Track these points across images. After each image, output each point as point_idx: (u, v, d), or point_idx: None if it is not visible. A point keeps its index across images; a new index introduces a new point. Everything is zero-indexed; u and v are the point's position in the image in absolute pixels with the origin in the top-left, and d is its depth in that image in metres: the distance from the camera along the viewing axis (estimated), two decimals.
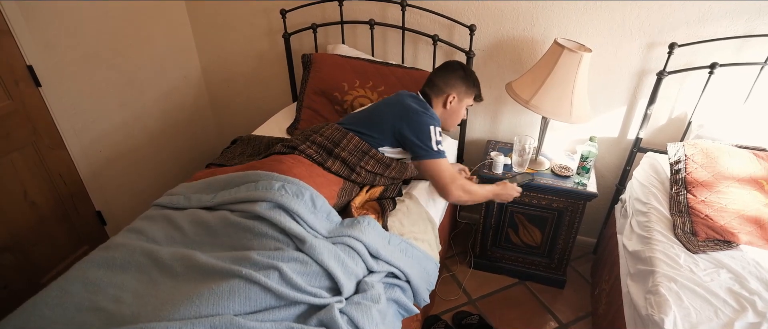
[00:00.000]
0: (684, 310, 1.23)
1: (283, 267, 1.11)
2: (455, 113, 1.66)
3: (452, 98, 1.61)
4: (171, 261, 1.25)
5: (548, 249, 2.10)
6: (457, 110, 1.65)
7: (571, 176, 1.93)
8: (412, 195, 1.66)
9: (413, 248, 1.40)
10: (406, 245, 1.39)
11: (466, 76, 1.64)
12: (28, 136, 1.79)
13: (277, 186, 1.29)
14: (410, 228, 1.49)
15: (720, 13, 1.70)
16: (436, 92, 1.62)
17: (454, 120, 1.68)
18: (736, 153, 1.62)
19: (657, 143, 2.00)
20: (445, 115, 1.65)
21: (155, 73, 2.36)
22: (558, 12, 1.88)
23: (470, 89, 1.65)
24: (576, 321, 2.02)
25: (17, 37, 1.69)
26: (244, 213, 1.29)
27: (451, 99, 1.61)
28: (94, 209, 2.13)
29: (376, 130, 1.53)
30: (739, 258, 1.41)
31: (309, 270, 1.16)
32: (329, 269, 1.17)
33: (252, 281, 1.08)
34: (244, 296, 1.06)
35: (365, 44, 2.23)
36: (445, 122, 1.67)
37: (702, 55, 1.78)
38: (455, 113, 1.66)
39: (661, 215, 1.60)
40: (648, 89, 1.89)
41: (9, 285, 1.81)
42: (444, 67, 1.66)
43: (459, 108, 1.65)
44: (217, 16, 2.43)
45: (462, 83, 1.62)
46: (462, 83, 1.62)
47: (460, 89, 1.62)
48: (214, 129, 2.90)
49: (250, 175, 1.38)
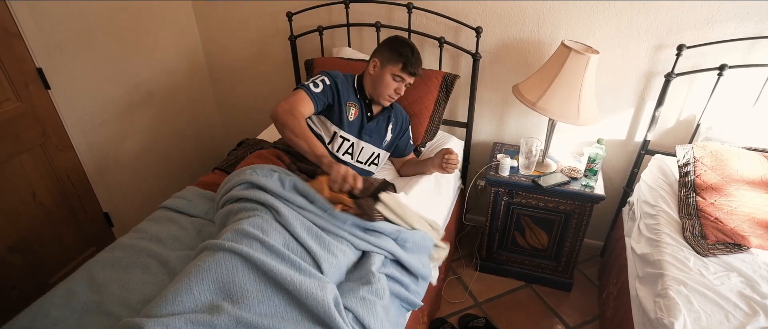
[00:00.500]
0: (694, 314, 1.21)
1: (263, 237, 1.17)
2: (379, 79, 1.65)
3: (374, 63, 1.65)
4: (177, 263, 1.25)
5: (555, 251, 2.08)
6: (380, 76, 1.65)
7: (579, 178, 1.92)
8: (397, 200, 1.51)
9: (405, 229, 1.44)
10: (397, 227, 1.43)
11: (393, 44, 1.64)
12: (37, 137, 1.81)
13: (249, 171, 1.41)
14: (398, 221, 1.46)
15: (729, 14, 1.69)
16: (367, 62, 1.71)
17: (379, 89, 1.67)
18: (746, 155, 1.60)
19: (665, 146, 1.98)
20: (370, 81, 1.69)
21: (162, 75, 2.37)
22: (565, 14, 1.87)
23: (393, 55, 1.62)
24: (583, 324, 2.00)
25: (27, 40, 1.70)
26: (231, 200, 1.37)
27: (373, 64, 1.66)
28: (102, 211, 2.15)
29: None
30: (750, 262, 1.39)
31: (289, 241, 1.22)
32: (300, 239, 1.22)
33: (234, 252, 1.11)
34: (229, 267, 1.10)
35: (371, 47, 2.22)
36: (372, 90, 1.69)
37: (711, 57, 1.76)
38: (379, 79, 1.65)
39: (670, 218, 1.58)
40: (656, 90, 1.87)
41: (17, 286, 1.82)
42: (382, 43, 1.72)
43: (382, 75, 1.64)
44: (224, 19, 2.44)
45: (386, 50, 1.64)
46: (386, 50, 1.64)
47: (383, 56, 1.64)
48: (221, 131, 2.91)
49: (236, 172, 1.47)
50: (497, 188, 1.97)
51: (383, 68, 1.64)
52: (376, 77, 1.66)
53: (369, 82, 1.70)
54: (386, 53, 1.64)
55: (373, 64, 1.66)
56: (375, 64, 1.65)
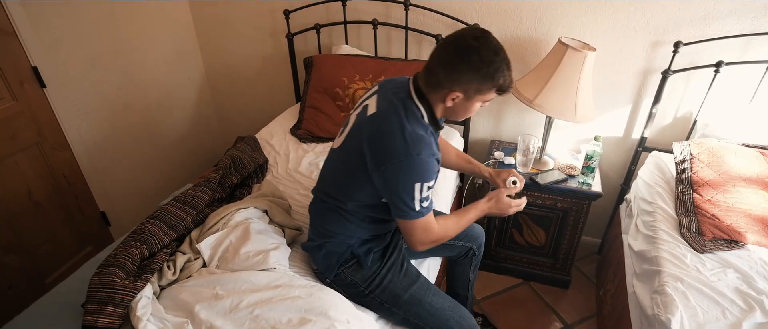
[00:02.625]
0: (691, 310, 1.22)
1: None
2: (462, 109, 1.18)
3: (456, 97, 1.11)
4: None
5: (552, 249, 2.09)
6: (465, 107, 1.16)
7: (576, 175, 1.92)
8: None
9: None
10: None
11: (482, 63, 1.06)
12: (32, 137, 1.80)
13: None
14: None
15: (725, 11, 1.69)
16: (434, 86, 1.13)
17: (463, 115, 1.21)
18: (743, 152, 1.61)
19: (662, 143, 1.98)
20: (447, 113, 1.20)
21: (159, 74, 2.36)
22: (562, 11, 1.87)
23: (486, 82, 1.09)
24: (581, 321, 2.00)
25: (22, 39, 1.69)
26: None
27: (455, 97, 1.12)
28: (99, 210, 2.14)
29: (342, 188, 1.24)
30: (747, 258, 1.39)
31: None
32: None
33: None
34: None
35: (368, 45, 2.23)
36: (452, 116, 1.22)
37: (707, 54, 1.77)
38: (462, 109, 1.18)
39: (666, 214, 1.59)
40: (653, 88, 1.88)
41: (13, 285, 1.81)
42: (450, 49, 1.10)
43: (468, 105, 1.16)
44: (221, 17, 2.43)
45: (473, 76, 1.08)
46: (473, 76, 1.08)
47: (469, 85, 1.10)
48: (218, 130, 2.91)
49: None
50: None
51: (469, 99, 1.13)
52: (457, 108, 1.17)
53: (444, 112, 1.20)
54: (474, 82, 1.09)
55: (452, 98, 1.12)
56: (455, 97, 1.12)
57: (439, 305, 1.30)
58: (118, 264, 1.16)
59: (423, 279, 1.34)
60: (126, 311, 1.11)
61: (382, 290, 1.27)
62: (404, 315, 1.28)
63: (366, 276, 1.28)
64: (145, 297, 1.13)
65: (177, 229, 1.35)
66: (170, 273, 1.23)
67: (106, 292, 1.09)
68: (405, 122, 1.11)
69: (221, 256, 1.30)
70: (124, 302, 1.10)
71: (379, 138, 1.11)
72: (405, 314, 1.28)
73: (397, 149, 1.08)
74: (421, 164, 1.09)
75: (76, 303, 1.14)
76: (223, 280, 1.18)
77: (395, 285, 1.28)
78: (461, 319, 1.32)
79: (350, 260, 1.28)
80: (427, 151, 1.10)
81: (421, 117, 1.16)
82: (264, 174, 1.82)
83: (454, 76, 1.09)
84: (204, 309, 1.10)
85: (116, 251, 1.22)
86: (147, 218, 1.35)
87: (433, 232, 1.19)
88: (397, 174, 1.08)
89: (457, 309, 1.33)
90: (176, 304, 1.16)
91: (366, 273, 1.28)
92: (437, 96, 1.15)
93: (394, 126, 1.10)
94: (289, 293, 1.14)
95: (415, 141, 1.09)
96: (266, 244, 1.31)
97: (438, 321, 1.29)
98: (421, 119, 1.15)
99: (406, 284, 1.29)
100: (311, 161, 1.88)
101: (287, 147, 2.00)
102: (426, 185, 1.10)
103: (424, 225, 1.16)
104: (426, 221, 1.15)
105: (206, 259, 1.30)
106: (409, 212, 1.12)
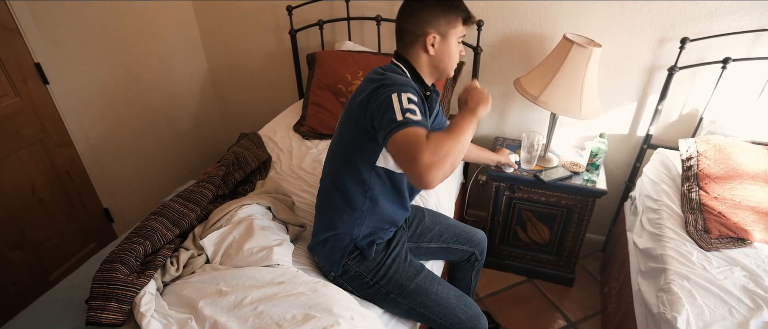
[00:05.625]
0: (697, 308, 1.21)
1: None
2: (445, 53, 1.20)
3: (433, 38, 1.16)
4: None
5: (557, 246, 2.08)
6: (446, 49, 1.19)
7: (580, 172, 1.91)
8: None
9: None
10: None
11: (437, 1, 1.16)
12: (36, 133, 1.80)
13: None
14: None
15: (733, 7, 1.67)
16: (409, 42, 1.18)
17: (448, 62, 1.23)
18: (750, 149, 1.59)
19: (668, 140, 1.97)
20: (433, 62, 1.21)
21: (162, 71, 2.36)
22: (567, 7, 1.85)
23: (450, 12, 1.16)
24: (585, 319, 2.00)
25: (25, 35, 1.69)
26: None
27: (433, 41, 1.16)
28: (102, 207, 2.14)
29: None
30: (754, 256, 1.38)
31: None
32: None
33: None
34: None
35: (372, 41, 2.22)
36: (439, 70, 1.24)
37: (714, 50, 1.75)
38: (445, 53, 1.20)
39: (672, 212, 1.57)
40: (659, 84, 1.86)
41: (18, 282, 1.82)
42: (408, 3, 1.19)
43: (447, 46, 1.19)
44: (224, 14, 2.42)
45: (438, 11, 1.15)
46: (438, 11, 1.15)
47: (438, 22, 1.15)
48: (221, 126, 2.90)
49: None
50: (499, 183, 1.96)
51: (445, 38, 1.18)
52: (439, 55, 1.20)
53: (429, 66, 1.22)
54: (440, 17, 1.15)
55: (431, 41, 1.16)
56: (433, 39, 1.16)
57: (444, 294, 1.30)
58: (122, 260, 1.16)
59: (427, 270, 1.34)
60: (129, 307, 1.10)
61: (387, 280, 1.27)
62: (410, 305, 1.28)
63: (371, 267, 1.28)
64: (148, 293, 1.13)
65: (180, 225, 1.35)
66: (174, 269, 1.23)
67: (109, 288, 1.09)
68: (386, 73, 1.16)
69: (225, 252, 1.29)
70: (128, 298, 1.09)
71: (363, 87, 1.17)
72: (411, 304, 1.28)
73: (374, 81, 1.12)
74: (395, 80, 1.09)
75: (79, 300, 1.14)
76: (227, 276, 1.18)
77: (400, 275, 1.29)
78: (467, 308, 1.32)
79: (354, 252, 1.28)
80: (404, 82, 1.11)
81: (403, 72, 1.19)
82: (267, 171, 1.82)
83: (423, 19, 1.15)
84: (208, 305, 1.10)
85: (119, 247, 1.21)
86: (150, 215, 1.35)
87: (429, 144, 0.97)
88: (376, 96, 1.07)
89: (463, 299, 1.34)
90: (180, 300, 1.15)
91: (370, 264, 1.28)
92: (416, 51, 1.19)
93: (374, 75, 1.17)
94: (293, 289, 1.14)
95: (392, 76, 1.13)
96: (270, 240, 1.31)
97: (443, 310, 1.29)
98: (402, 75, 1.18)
99: (412, 274, 1.30)
100: (314, 158, 1.88)
101: (290, 144, 1.99)
102: (405, 96, 1.04)
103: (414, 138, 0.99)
104: (415, 131, 1.00)
105: (209, 255, 1.29)
106: (395, 129, 1.00)
